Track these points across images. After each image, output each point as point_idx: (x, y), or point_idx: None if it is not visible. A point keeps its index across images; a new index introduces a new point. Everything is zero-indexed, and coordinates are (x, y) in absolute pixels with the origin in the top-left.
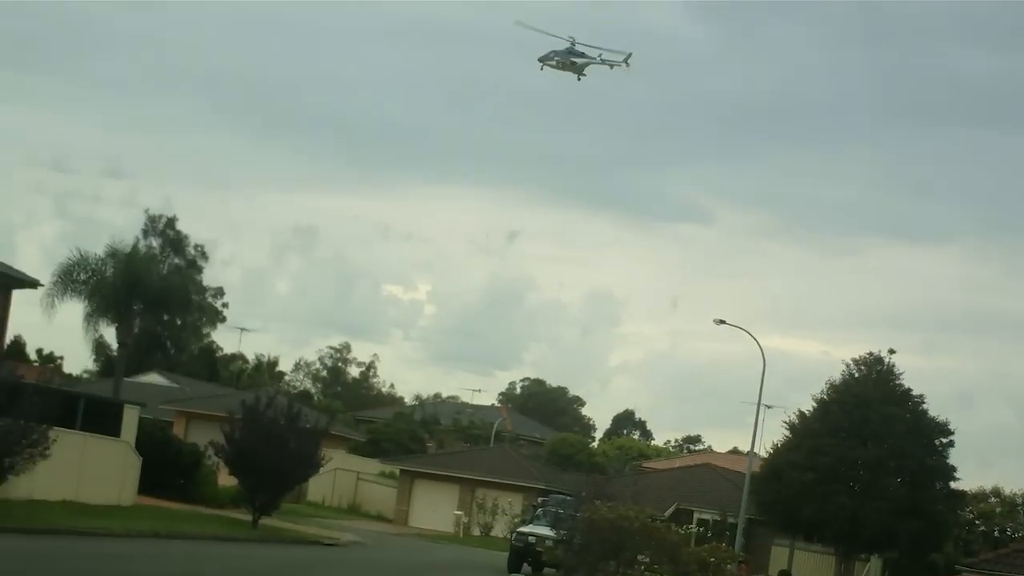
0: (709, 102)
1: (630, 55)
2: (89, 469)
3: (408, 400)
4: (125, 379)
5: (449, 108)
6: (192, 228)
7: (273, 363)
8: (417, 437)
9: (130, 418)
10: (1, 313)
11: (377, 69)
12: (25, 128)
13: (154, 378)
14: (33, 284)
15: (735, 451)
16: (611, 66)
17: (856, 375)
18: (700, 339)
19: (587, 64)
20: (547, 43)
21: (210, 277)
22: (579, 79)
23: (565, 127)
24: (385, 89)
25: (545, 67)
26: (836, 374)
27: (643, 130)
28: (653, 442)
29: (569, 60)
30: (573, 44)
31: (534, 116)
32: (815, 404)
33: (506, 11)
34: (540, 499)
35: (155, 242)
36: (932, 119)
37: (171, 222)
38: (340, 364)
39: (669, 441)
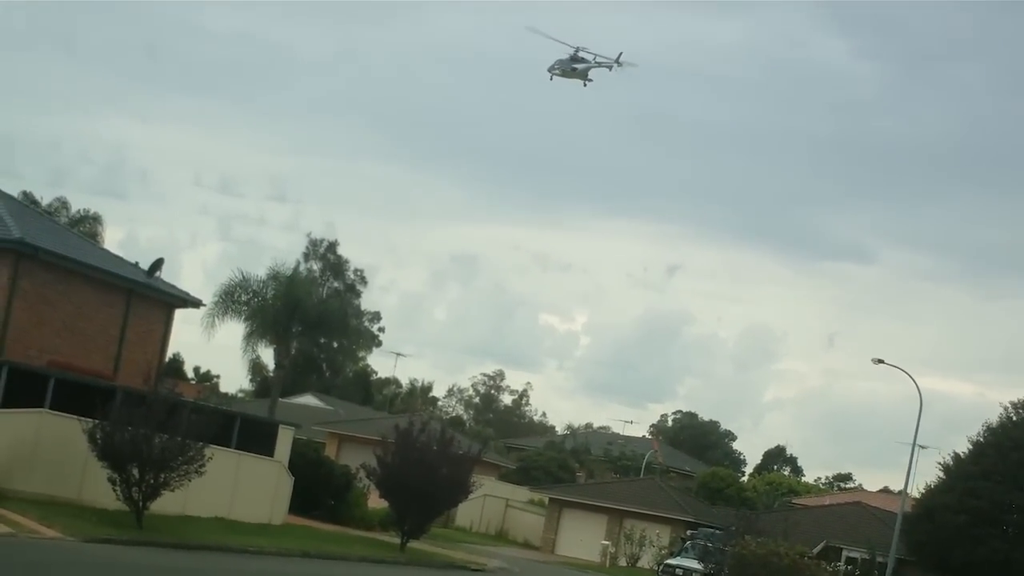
0: (874, 143)
1: (620, 54)
2: (242, 487)
3: (559, 429)
4: (281, 399)
5: (611, 141)
6: (352, 253)
7: (427, 388)
8: (567, 466)
9: (284, 438)
10: (163, 332)
11: (539, 101)
12: (193, 151)
13: (309, 399)
14: (195, 304)
15: (886, 490)
16: (609, 68)
17: (1014, 418)
18: (855, 378)
19: (588, 69)
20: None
21: (368, 302)
22: (585, 85)
23: (727, 163)
24: (547, 121)
25: (554, 76)
26: (992, 417)
27: (805, 168)
28: (803, 479)
29: (570, 67)
30: (576, 51)
31: (697, 150)
32: (970, 446)
33: (681, 49)
34: (688, 532)
35: (316, 265)
36: None
37: (332, 246)
38: (493, 391)
39: (820, 478)
